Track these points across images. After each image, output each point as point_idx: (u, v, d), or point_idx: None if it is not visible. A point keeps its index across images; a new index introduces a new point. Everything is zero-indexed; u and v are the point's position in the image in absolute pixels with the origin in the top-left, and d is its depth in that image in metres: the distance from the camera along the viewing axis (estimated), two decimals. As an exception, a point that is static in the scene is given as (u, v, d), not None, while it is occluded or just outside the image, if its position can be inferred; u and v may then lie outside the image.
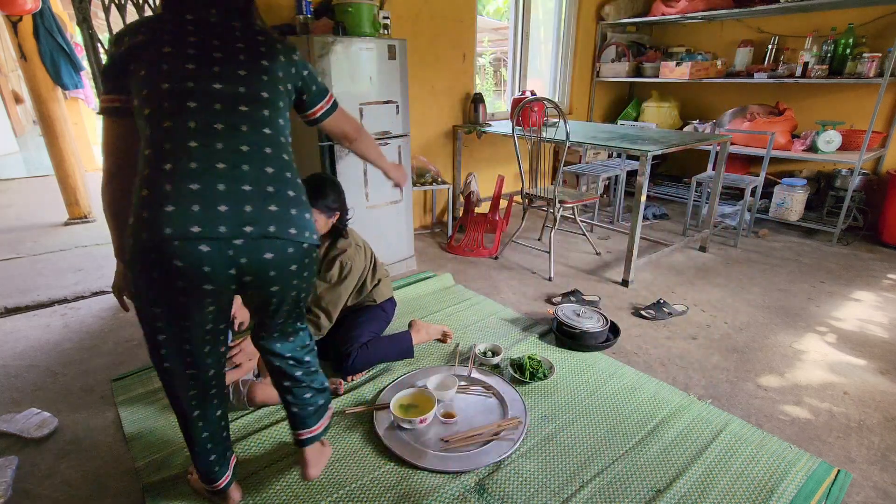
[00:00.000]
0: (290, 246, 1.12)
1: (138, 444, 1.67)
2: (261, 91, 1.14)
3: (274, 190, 1.10)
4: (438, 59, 3.67)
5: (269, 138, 1.13)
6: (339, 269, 1.93)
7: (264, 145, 1.11)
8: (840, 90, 3.89)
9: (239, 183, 1.06)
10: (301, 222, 1.13)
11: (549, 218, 3.35)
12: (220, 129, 1.07)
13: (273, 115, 1.16)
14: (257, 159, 1.09)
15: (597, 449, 1.64)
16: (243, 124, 1.09)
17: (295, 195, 1.15)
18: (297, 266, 1.16)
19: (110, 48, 1.17)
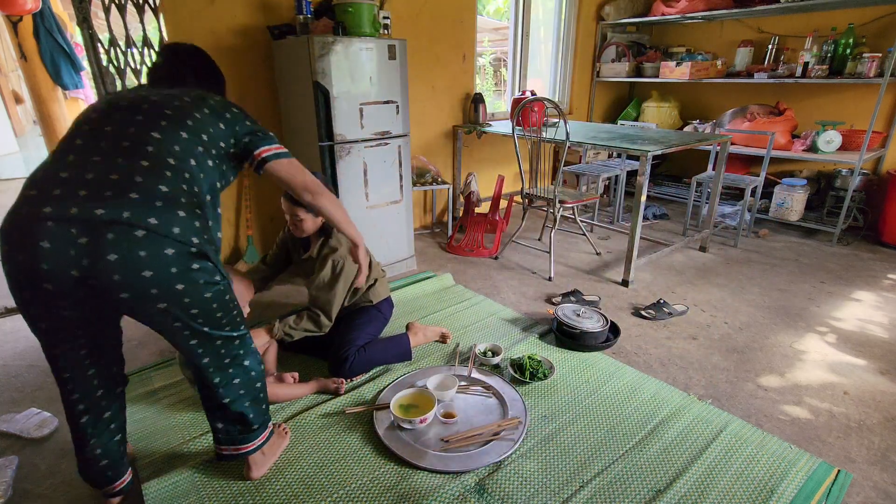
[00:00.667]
0: (142, 244, 1.03)
1: (138, 444, 1.67)
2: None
3: (142, 180, 1.07)
4: (438, 59, 3.67)
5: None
6: (331, 267, 1.93)
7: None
8: (840, 90, 3.89)
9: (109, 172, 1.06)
10: (167, 218, 1.07)
11: (549, 218, 3.35)
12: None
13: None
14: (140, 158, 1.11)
15: (597, 449, 1.64)
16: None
17: (170, 193, 1.09)
18: (152, 273, 1.05)
19: None
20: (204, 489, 1.48)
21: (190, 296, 1.13)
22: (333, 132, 2.59)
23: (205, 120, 1.24)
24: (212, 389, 1.31)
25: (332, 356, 1.98)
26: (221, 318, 1.23)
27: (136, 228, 1.02)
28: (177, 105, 1.22)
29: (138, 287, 1.06)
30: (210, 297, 1.18)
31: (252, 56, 2.82)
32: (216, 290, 1.19)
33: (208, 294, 1.17)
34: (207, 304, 1.18)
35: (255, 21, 2.78)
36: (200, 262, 1.13)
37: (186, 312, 1.15)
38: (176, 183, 1.12)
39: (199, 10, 2.59)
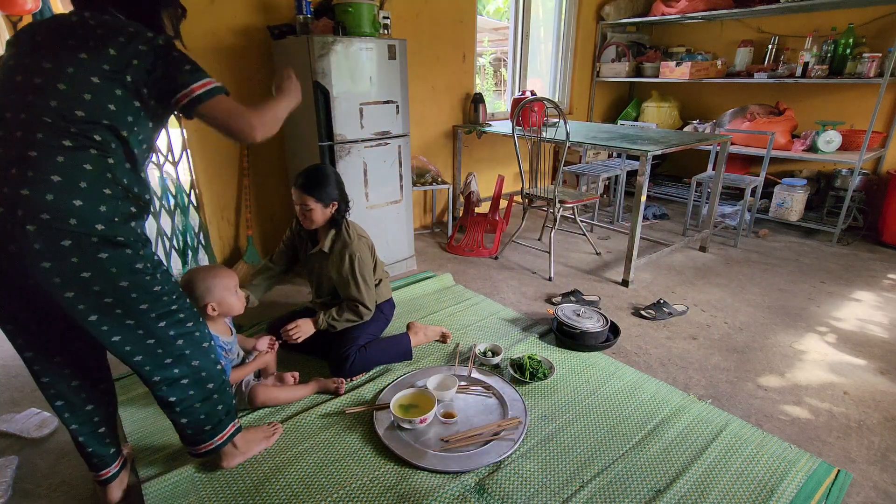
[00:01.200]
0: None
1: (138, 444, 1.67)
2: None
3: (36, 155, 1.01)
4: (438, 59, 3.67)
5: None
6: (349, 262, 1.95)
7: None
8: (840, 90, 3.89)
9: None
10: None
11: (549, 218, 3.35)
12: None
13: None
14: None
15: (597, 449, 1.64)
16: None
17: (67, 171, 1.02)
18: (50, 264, 1.01)
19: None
20: (204, 489, 1.48)
21: (99, 284, 1.08)
22: (333, 132, 2.59)
23: (102, 90, 1.08)
24: (153, 389, 1.27)
25: (333, 356, 1.99)
26: (148, 310, 1.17)
27: (27, 225, 0.99)
28: (70, 74, 1.06)
29: (42, 277, 1.03)
30: (128, 286, 1.11)
31: (252, 56, 2.82)
32: (135, 279, 1.12)
33: (124, 282, 1.11)
34: (124, 292, 1.12)
35: (255, 21, 2.78)
36: (109, 250, 1.07)
37: (99, 302, 1.09)
38: (73, 168, 1.04)
39: (199, 10, 2.59)
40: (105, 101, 1.08)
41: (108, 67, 1.08)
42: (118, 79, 1.09)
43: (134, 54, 1.10)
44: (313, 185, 1.87)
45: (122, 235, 1.10)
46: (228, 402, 1.43)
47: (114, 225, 1.08)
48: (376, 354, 2.04)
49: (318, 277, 2.08)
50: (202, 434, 1.39)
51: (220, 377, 1.37)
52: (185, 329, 1.27)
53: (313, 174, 1.90)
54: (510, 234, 3.58)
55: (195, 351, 1.29)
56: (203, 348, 1.32)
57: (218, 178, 2.91)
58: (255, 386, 1.80)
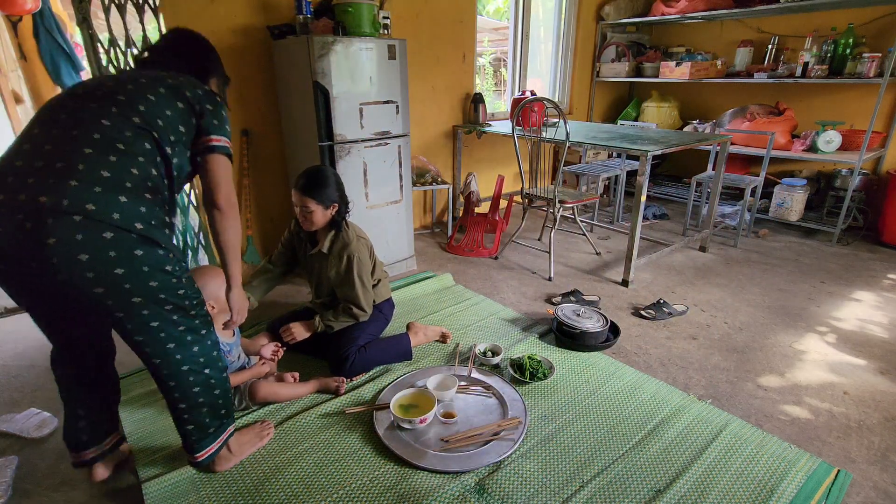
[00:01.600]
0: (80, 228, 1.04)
1: (138, 444, 1.66)
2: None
3: (84, 167, 1.07)
4: (438, 59, 3.67)
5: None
6: (347, 262, 1.95)
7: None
8: (840, 90, 3.89)
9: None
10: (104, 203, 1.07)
11: (549, 218, 3.35)
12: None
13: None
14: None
15: (597, 449, 1.64)
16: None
17: (111, 178, 1.09)
18: (88, 256, 1.05)
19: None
20: (204, 489, 1.48)
21: (130, 281, 1.11)
22: (333, 132, 2.59)
23: (160, 102, 1.21)
24: (165, 392, 1.32)
25: (333, 355, 1.99)
26: (171, 313, 1.21)
27: (73, 214, 1.03)
28: (131, 89, 1.20)
29: (76, 270, 1.06)
30: (156, 286, 1.15)
31: (252, 56, 2.82)
32: (164, 280, 1.16)
33: (154, 283, 1.15)
34: (152, 292, 1.16)
35: (255, 21, 2.78)
36: (145, 248, 1.12)
37: (127, 300, 1.13)
38: (122, 168, 1.11)
39: (199, 10, 2.59)
40: (157, 115, 1.19)
41: (164, 91, 1.24)
42: (171, 101, 1.23)
43: (192, 90, 1.28)
44: (314, 187, 1.87)
45: (158, 237, 1.15)
46: (229, 405, 1.46)
47: (151, 227, 1.14)
48: (376, 354, 2.04)
49: (318, 278, 2.08)
50: (206, 439, 1.41)
51: (225, 383, 1.41)
52: (199, 336, 1.31)
53: (314, 176, 1.90)
54: (510, 234, 3.58)
55: (207, 358, 1.33)
56: (213, 356, 1.36)
57: (218, 178, 2.90)
58: (255, 382, 1.80)
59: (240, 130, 2.89)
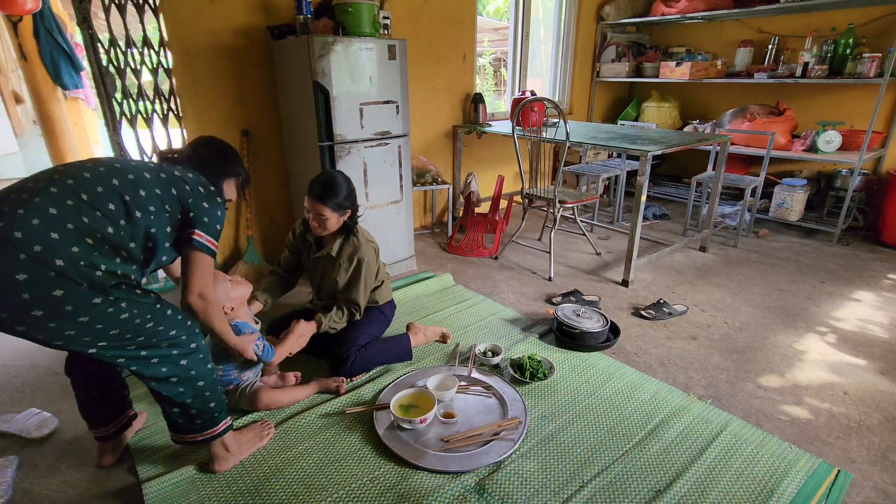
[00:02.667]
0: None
1: (138, 444, 1.67)
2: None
3: (55, 212, 1.11)
4: (438, 59, 3.67)
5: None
6: (356, 266, 1.98)
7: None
8: (840, 90, 3.89)
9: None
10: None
11: (549, 218, 3.35)
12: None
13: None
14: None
15: (597, 449, 1.64)
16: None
17: (74, 230, 1.12)
18: (29, 296, 1.06)
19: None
20: (204, 489, 1.48)
21: (70, 304, 1.11)
22: (333, 132, 2.59)
23: (153, 181, 1.28)
24: (144, 382, 1.34)
25: (334, 356, 1.99)
26: (118, 336, 1.21)
27: (19, 252, 1.05)
28: (134, 165, 1.29)
29: (13, 294, 1.06)
30: (87, 322, 1.15)
31: (252, 56, 2.82)
32: (97, 312, 1.15)
33: (84, 318, 1.14)
34: (85, 326, 1.15)
35: (255, 21, 2.78)
36: (65, 288, 1.09)
37: (60, 333, 1.14)
38: (72, 212, 1.12)
39: (199, 10, 2.59)
40: (140, 187, 1.25)
41: (164, 176, 1.31)
42: (165, 186, 1.29)
43: (192, 184, 1.35)
44: (329, 194, 1.88)
45: (79, 277, 1.11)
46: (220, 399, 1.46)
47: (77, 267, 1.10)
48: (376, 355, 2.04)
49: (321, 280, 2.08)
50: (192, 425, 1.42)
51: (210, 374, 1.41)
52: (167, 337, 1.31)
53: (328, 183, 1.90)
54: (510, 234, 3.58)
55: (183, 353, 1.34)
56: (190, 349, 1.36)
57: (218, 178, 2.90)
58: (259, 389, 1.80)
59: (240, 130, 2.89)
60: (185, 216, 1.33)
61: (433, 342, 2.27)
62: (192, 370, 1.35)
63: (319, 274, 2.08)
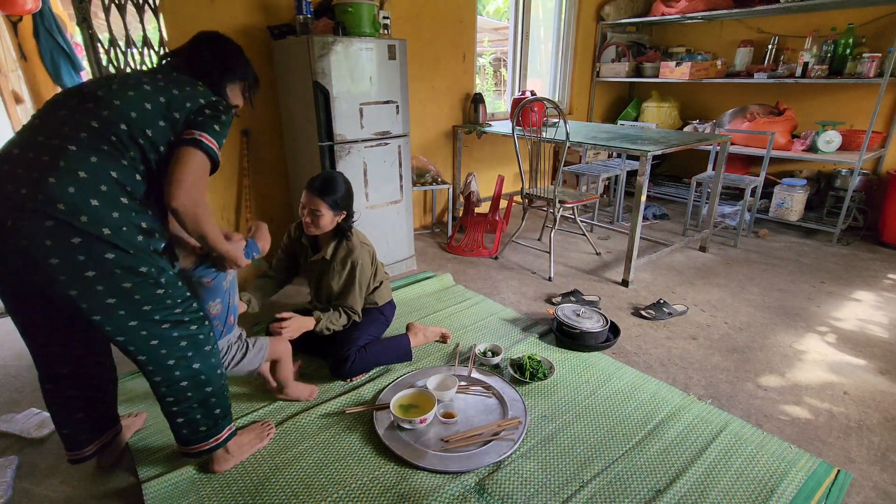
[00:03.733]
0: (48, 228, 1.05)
1: (138, 444, 1.67)
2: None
3: (64, 164, 1.08)
4: (438, 59, 3.67)
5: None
6: (350, 269, 1.97)
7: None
8: (840, 90, 3.89)
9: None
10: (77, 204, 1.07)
11: (549, 218, 3.36)
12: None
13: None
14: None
15: (597, 449, 1.64)
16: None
17: (88, 179, 1.09)
18: (58, 261, 1.07)
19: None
20: (204, 489, 1.48)
21: (103, 284, 1.13)
22: (333, 132, 2.59)
23: (154, 113, 1.20)
24: (154, 388, 1.32)
25: (333, 356, 1.98)
26: (151, 312, 1.22)
27: (45, 217, 1.05)
28: (131, 96, 1.19)
29: (48, 273, 1.08)
30: (130, 288, 1.16)
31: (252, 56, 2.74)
32: (138, 282, 1.17)
33: (127, 284, 1.16)
34: (127, 294, 1.16)
35: (255, 21, 2.78)
36: (115, 252, 1.12)
37: (102, 302, 1.14)
38: (100, 170, 1.11)
39: (199, 10, 2.59)
40: (146, 126, 1.18)
41: (163, 101, 1.22)
42: (167, 113, 1.21)
43: (191, 101, 1.25)
44: (327, 190, 1.88)
45: (125, 244, 1.14)
46: (225, 405, 1.45)
47: (120, 232, 1.13)
48: (376, 355, 2.04)
49: (318, 283, 2.08)
50: (196, 434, 1.41)
51: (219, 381, 1.40)
52: (188, 331, 1.31)
53: (329, 180, 1.91)
54: (510, 234, 3.58)
55: (197, 354, 1.33)
56: (205, 351, 1.35)
57: (218, 178, 2.90)
58: (279, 365, 1.80)
59: (240, 130, 2.89)
60: (190, 120, 1.25)
61: (433, 342, 2.27)
62: (203, 374, 1.35)
63: (316, 277, 2.08)
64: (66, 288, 1.10)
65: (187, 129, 1.23)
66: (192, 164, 1.20)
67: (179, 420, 1.38)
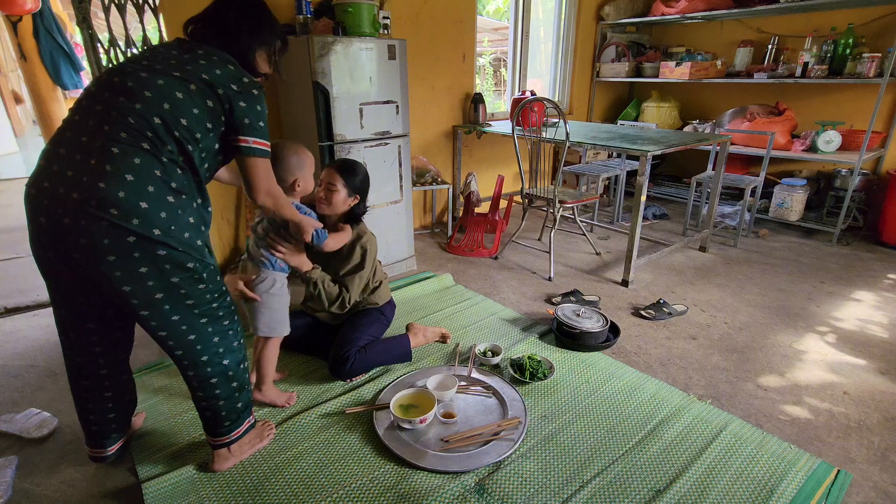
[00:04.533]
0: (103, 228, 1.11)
1: (138, 444, 1.67)
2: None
3: (111, 169, 1.12)
4: (438, 59, 3.67)
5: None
6: (360, 252, 1.98)
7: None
8: (840, 90, 3.89)
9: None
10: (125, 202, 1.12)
11: (549, 218, 3.36)
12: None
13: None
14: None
15: (597, 449, 1.64)
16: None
17: (136, 182, 1.13)
18: (114, 258, 1.13)
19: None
20: (204, 489, 1.48)
21: (153, 279, 1.19)
22: (333, 132, 2.59)
23: (186, 102, 1.20)
24: (187, 382, 1.40)
25: (333, 356, 1.98)
26: (193, 307, 1.28)
27: (100, 219, 1.10)
28: (161, 84, 1.19)
29: (104, 269, 1.14)
30: (177, 282, 1.23)
31: (252, 56, 2.81)
32: (185, 277, 1.24)
33: (175, 279, 1.22)
34: (174, 288, 1.23)
35: (255, 21, 2.78)
36: (166, 250, 1.18)
37: (151, 297, 1.21)
38: (145, 171, 1.15)
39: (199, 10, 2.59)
40: (180, 115, 1.19)
41: (194, 87, 1.21)
42: (199, 100, 1.21)
43: (224, 86, 1.24)
44: (346, 170, 1.92)
45: (174, 241, 1.20)
46: (247, 399, 1.51)
47: (170, 231, 1.18)
48: (376, 356, 2.03)
49: (324, 266, 2.09)
50: (221, 427, 1.47)
51: (243, 375, 1.46)
52: (221, 327, 1.36)
53: (349, 162, 1.96)
54: (510, 234, 3.58)
55: (227, 350, 1.39)
56: (233, 347, 1.41)
57: (218, 178, 2.91)
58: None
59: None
60: (228, 119, 1.26)
61: (433, 342, 2.27)
62: (231, 371, 1.40)
63: (322, 259, 2.08)
64: (120, 283, 1.16)
65: (239, 136, 1.28)
66: (259, 171, 1.33)
67: (208, 414, 1.45)
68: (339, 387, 1.96)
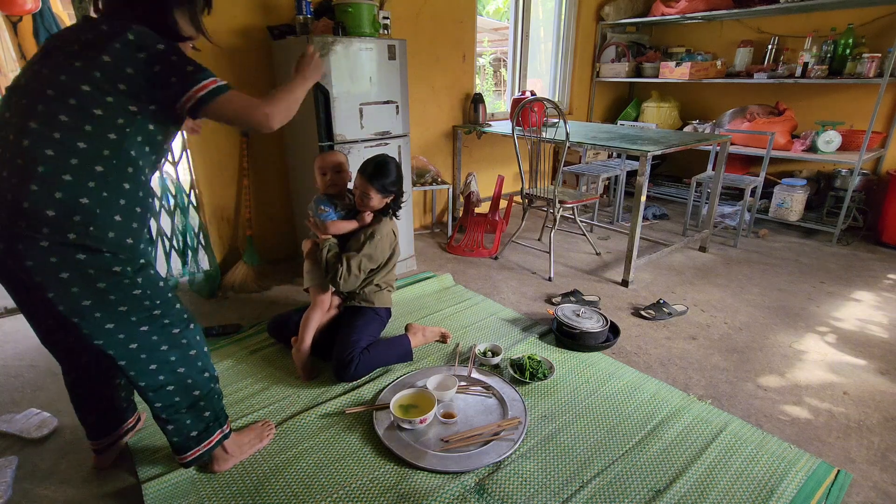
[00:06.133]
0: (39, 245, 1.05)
1: (138, 444, 1.67)
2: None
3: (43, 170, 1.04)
4: (438, 59, 3.67)
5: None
6: (365, 236, 2.03)
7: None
8: (840, 90, 3.89)
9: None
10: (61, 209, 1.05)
11: (549, 218, 3.36)
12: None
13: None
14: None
15: (597, 449, 1.64)
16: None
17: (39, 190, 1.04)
18: (32, 263, 1.06)
19: None
20: (204, 489, 1.48)
21: (77, 285, 1.10)
22: (333, 132, 2.59)
23: (104, 79, 1.08)
24: (142, 395, 1.29)
25: (336, 360, 1.96)
26: (127, 314, 1.18)
27: (12, 227, 1.05)
28: (63, 80, 1.08)
29: (24, 277, 1.09)
30: (104, 288, 1.13)
31: (252, 56, 2.82)
32: (113, 282, 1.14)
33: (101, 284, 1.12)
34: (101, 294, 1.13)
35: (255, 21, 2.78)
36: (87, 254, 1.09)
37: (77, 304, 1.12)
38: (52, 174, 1.05)
39: (199, 11, 2.59)
40: (92, 107, 1.08)
41: (99, 75, 1.08)
42: (109, 87, 1.09)
43: (129, 62, 1.10)
44: (378, 176, 1.99)
45: (98, 243, 1.10)
46: (216, 408, 1.43)
47: (88, 234, 1.09)
48: (378, 356, 2.03)
49: (345, 244, 2.12)
50: (189, 441, 1.40)
51: (207, 384, 1.37)
52: (169, 334, 1.26)
53: (381, 166, 2.01)
54: (510, 235, 3.58)
55: (180, 358, 1.29)
56: (190, 356, 1.31)
57: (218, 178, 2.91)
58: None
59: (240, 131, 2.89)
60: (158, 90, 1.13)
61: (433, 342, 2.27)
62: (189, 378, 1.32)
63: (345, 237, 2.13)
64: (44, 290, 1.09)
65: (180, 98, 1.14)
66: (234, 104, 1.19)
67: (170, 427, 1.36)
68: (338, 387, 1.96)
